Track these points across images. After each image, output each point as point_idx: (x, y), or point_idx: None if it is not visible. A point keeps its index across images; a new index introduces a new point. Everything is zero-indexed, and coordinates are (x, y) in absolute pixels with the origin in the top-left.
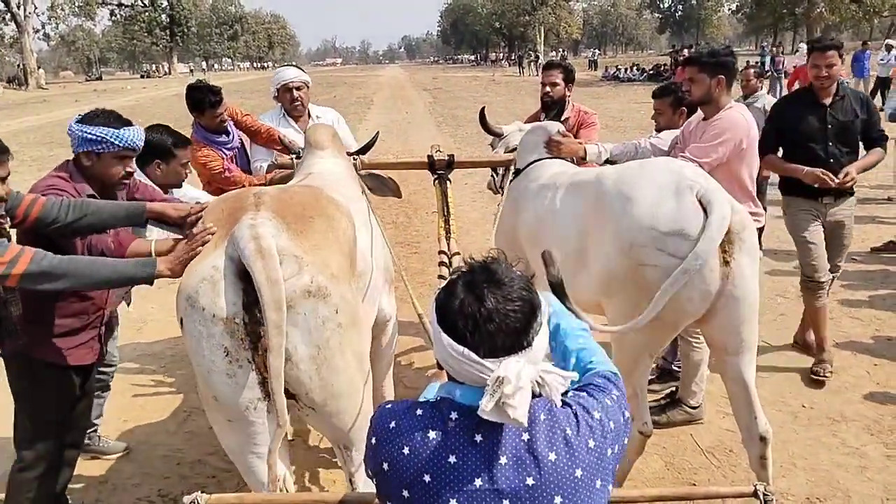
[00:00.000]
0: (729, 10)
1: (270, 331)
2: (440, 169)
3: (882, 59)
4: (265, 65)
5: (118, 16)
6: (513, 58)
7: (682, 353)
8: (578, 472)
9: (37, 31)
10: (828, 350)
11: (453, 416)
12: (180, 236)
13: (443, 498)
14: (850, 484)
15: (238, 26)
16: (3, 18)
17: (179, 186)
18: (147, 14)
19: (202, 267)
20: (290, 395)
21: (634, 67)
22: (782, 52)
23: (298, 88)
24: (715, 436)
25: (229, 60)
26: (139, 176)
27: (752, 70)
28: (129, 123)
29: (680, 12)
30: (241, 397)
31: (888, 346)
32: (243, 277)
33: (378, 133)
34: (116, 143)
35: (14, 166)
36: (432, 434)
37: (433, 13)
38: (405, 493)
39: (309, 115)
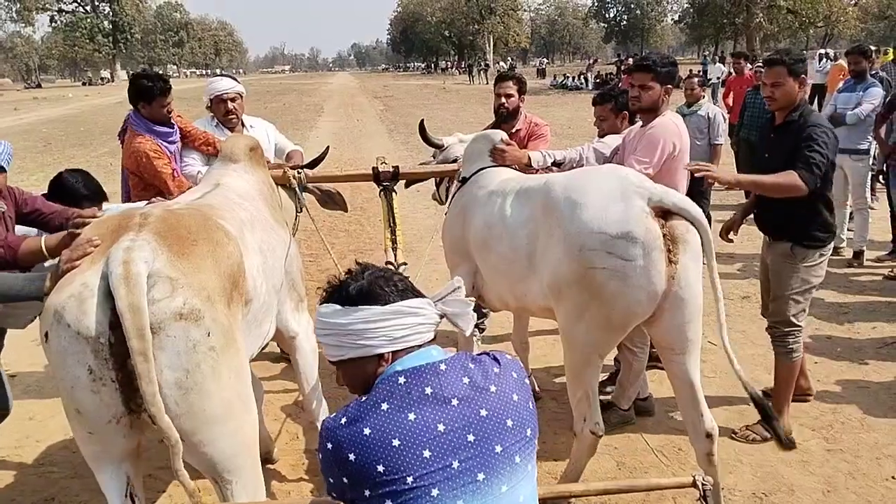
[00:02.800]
0: (672, 20)
1: (135, 358)
2: (385, 181)
3: (818, 68)
4: (214, 72)
5: (58, 22)
6: (463, 66)
7: (623, 361)
8: (515, 397)
9: None
10: (782, 416)
11: (401, 380)
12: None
13: (416, 452)
14: (794, 478)
15: (183, 33)
16: None
17: None
18: (89, 20)
19: (73, 283)
20: (153, 421)
21: (581, 76)
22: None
23: (233, 100)
24: (664, 435)
25: (175, 67)
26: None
27: (696, 79)
28: None
29: (625, 22)
30: (104, 413)
31: (827, 344)
32: (112, 298)
33: (328, 147)
34: None
35: None
36: (385, 405)
37: (383, 21)
38: (380, 468)
39: (243, 125)
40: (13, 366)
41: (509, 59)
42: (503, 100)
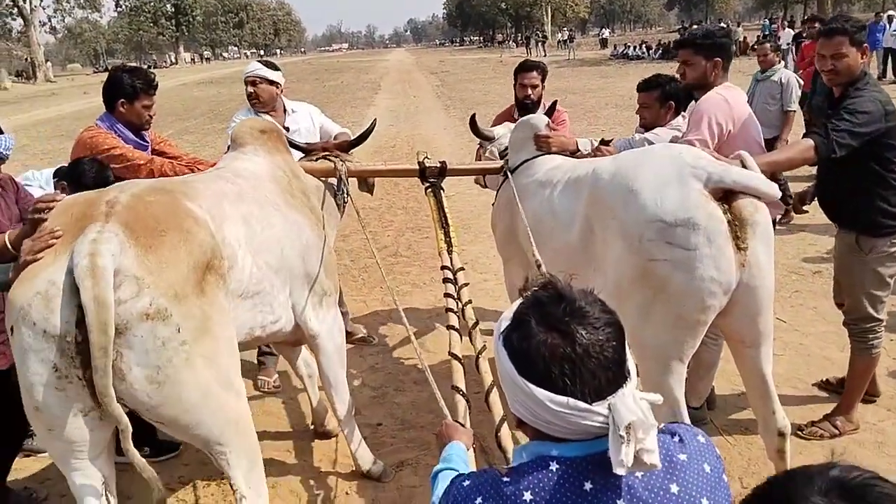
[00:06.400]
0: None
1: (94, 352)
2: (432, 177)
3: (893, 31)
4: (273, 52)
5: (124, 7)
6: (520, 39)
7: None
8: (705, 501)
9: (43, 25)
10: (849, 413)
11: (553, 466)
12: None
13: None
14: (868, 460)
15: (243, 14)
16: (10, 13)
17: None
18: (152, 4)
19: (38, 279)
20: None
21: (643, 45)
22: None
23: (254, 83)
24: (729, 414)
25: (236, 49)
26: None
27: (768, 44)
28: None
29: None
30: (66, 409)
31: None
32: (79, 293)
33: (375, 121)
34: None
35: (25, 160)
36: (528, 496)
37: None
38: None
39: (284, 110)
40: None
41: (569, 29)
42: (529, 91)
